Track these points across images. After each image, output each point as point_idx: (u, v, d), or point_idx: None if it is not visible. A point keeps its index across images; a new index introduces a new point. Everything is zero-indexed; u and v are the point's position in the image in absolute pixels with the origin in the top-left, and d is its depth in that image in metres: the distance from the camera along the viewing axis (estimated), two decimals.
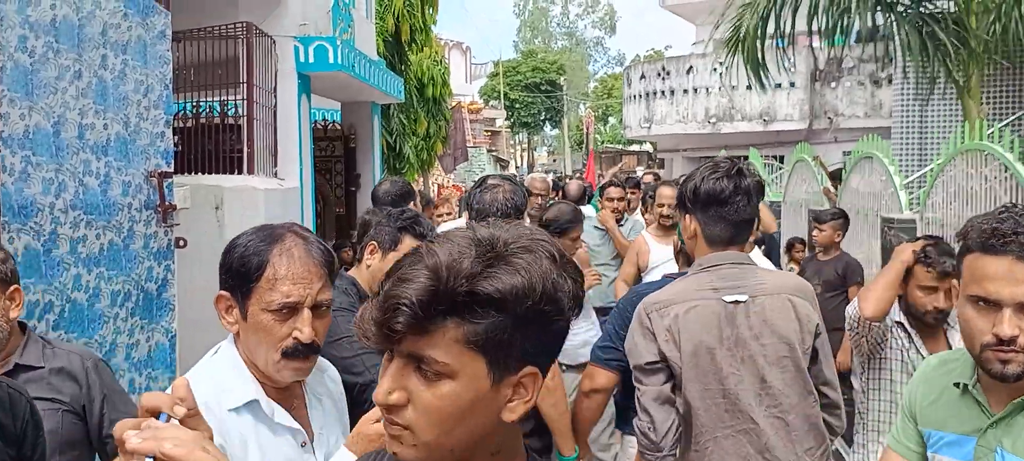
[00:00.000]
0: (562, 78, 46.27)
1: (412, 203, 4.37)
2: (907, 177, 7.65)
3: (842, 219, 5.64)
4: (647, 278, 4.61)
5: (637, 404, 2.32)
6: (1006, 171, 5.16)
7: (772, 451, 2.24)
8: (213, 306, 1.69)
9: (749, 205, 2.32)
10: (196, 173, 6.23)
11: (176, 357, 4.22)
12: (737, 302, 2.26)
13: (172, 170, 4.12)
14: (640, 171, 33.43)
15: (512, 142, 49.18)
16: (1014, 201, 5.03)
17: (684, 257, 3.04)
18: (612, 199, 5.83)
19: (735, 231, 2.34)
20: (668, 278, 2.87)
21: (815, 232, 5.48)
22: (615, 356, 2.74)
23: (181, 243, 4.23)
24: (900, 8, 7.30)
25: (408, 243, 2.56)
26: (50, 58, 3.40)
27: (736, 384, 2.25)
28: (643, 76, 19.06)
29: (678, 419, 2.29)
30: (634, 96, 19.34)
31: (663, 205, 5.02)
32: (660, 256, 4.73)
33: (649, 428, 2.27)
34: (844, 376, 5.36)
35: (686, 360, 2.25)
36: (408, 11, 12.56)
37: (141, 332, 3.95)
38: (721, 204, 2.30)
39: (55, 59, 3.43)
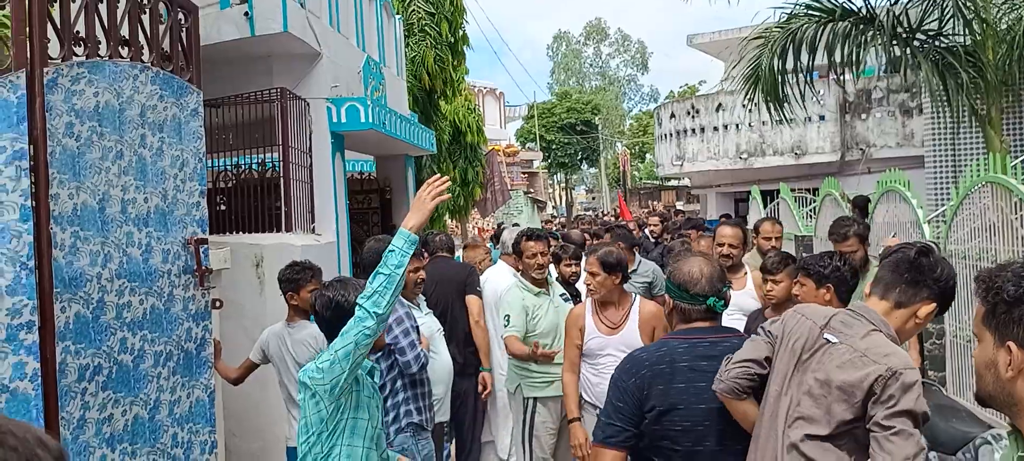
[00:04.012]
0: (597, 117, 46.55)
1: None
2: (936, 208, 7.64)
3: (793, 266, 4.28)
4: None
5: None
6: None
7: None
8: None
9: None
10: (238, 232, 6.53)
11: (215, 411, 4.46)
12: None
13: (207, 236, 4.39)
14: (680, 205, 33.36)
15: (550, 183, 49.47)
16: None
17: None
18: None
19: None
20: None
21: (769, 285, 4.34)
22: (614, 432, 2.63)
23: (218, 304, 4.49)
24: (916, 42, 7.38)
25: None
26: (94, 141, 3.70)
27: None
28: (673, 115, 19.23)
29: None
30: (665, 135, 19.50)
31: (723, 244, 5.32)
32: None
33: None
34: None
35: None
36: (439, 67, 12.92)
37: (182, 389, 4.20)
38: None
39: (99, 141, 3.72)
